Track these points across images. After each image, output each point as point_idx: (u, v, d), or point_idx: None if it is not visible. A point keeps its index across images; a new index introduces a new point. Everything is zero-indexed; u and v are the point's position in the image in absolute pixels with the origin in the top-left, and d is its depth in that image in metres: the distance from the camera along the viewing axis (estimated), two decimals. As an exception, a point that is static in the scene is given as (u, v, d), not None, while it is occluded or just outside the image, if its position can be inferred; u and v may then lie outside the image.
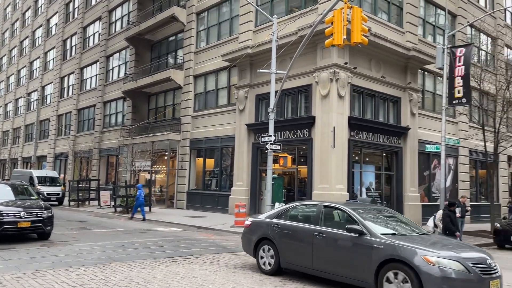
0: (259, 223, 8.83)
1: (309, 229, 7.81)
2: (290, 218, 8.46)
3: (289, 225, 8.23)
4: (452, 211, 11.69)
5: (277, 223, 8.39)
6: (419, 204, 20.31)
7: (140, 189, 18.97)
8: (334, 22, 10.17)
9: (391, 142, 19.70)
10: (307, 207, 8.62)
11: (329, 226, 7.70)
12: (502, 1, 27.54)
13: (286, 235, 8.11)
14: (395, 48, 18.74)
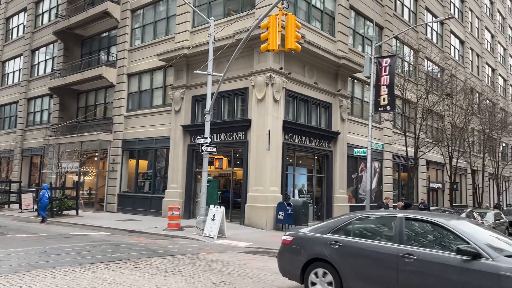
0: (308, 239, 7.00)
1: (390, 249, 6.07)
2: (355, 233, 6.69)
3: (357, 242, 6.46)
4: None
5: (336, 240, 6.61)
6: (347, 205, 21.33)
7: (45, 190, 18.20)
8: (270, 28, 10.43)
9: (322, 146, 20.50)
10: (379, 219, 6.94)
11: (419, 245, 6.03)
12: (423, 17, 29.86)
13: (353, 255, 6.36)
14: (327, 56, 19.57)
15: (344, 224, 6.86)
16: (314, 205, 20.53)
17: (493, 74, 43.61)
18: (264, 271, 8.91)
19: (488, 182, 38.02)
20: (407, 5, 28.84)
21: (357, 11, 23.51)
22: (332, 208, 20.57)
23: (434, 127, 27.64)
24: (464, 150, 28.10)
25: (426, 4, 30.48)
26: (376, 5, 24.33)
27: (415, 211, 8.73)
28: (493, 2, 45.14)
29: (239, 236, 14.58)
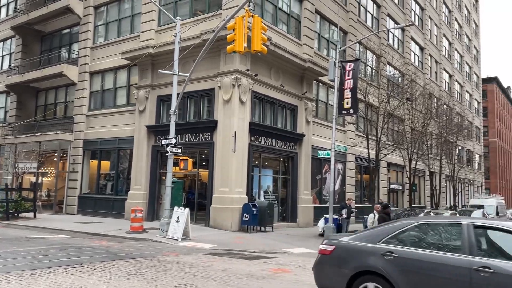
0: (354, 249, 6.21)
1: (460, 261, 5.35)
2: (413, 243, 5.96)
3: (416, 253, 5.71)
4: (387, 213, 11.38)
5: (390, 250, 5.85)
6: (311, 206, 21.66)
7: None
8: (236, 29, 10.46)
9: (288, 147, 20.72)
10: (441, 227, 6.16)
11: (496, 256, 5.39)
12: (386, 23, 30.82)
13: (412, 268, 5.63)
14: (293, 59, 19.81)
15: (398, 232, 6.06)
16: (279, 206, 20.72)
17: (450, 80, 45.59)
18: (228, 272, 8.90)
19: (445, 184, 39.69)
20: (370, 11, 29.67)
21: (323, 15, 23.96)
22: (296, 209, 20.82)
23: (394, 130, 28.56)
24: (423, 153, 29.19)
25: (388, 11, 31.48)
26: (341, 10, 24.88)
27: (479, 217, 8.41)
28: (451, 11, 47.22)
29: (204, 238, 14.49)
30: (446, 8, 45.96)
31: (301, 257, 12.06)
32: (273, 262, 10.65)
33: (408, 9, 34.86)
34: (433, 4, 41.62)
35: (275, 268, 9.69)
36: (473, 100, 54.34)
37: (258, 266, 9.94)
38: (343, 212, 16.46)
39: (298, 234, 17.53)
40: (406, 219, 7.81)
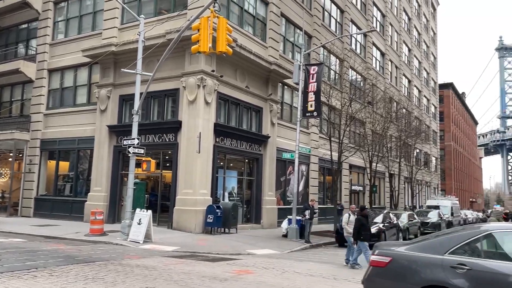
0: (416, 260, 5.57)
1: None
2: (488, 254, 5.38)
3: (497, 266, 5.12)
4: (365, 216, 11.73)
5: (461, 263, 5.25)
6: (275, 208, 21.84)
7: None
8: (201, 30, 10.40)
9: (253, 149, 20.80)
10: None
11: None
12: (349, 28, 31.59)
13: (493, 283, 5.05)
14: (259, 61, 19.92)
15: (468, 241, 5.46)
16: (244, 207, 20.74)
17: (409, 85, 47.31)
18: (191, 275, 8.81)
19: (403, 185, 41.09)
20: (334, 16, 30.32)
21: (288, 19, 24.25)
22: (261, 210, 20.93)
23: (356, 133, 29.30)
24: (383, 155, 30.09)
25: (352, 16, 32.29)
26: (306, 14, 25.28)
27: None
28: (411, 18, 49.03)
29: (167, 240, 14.29)
30: (406, 16, 47.68)
31: (264, 258, 12.13)
32: (237, 264, 10.65)
33: (370, 15, 35.90)
34: (394, 12, 43.08)
35: (238, 270, 9.70)
36: (430, 105, 56.64)
37: (222, 268, 9.91)
38: (306, 213, 16.69)
39: (262, 235, 17.62)
40: (470, 226, 6.83)
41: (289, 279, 8.91)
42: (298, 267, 10.59)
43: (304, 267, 10.58)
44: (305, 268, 10.50)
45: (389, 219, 18.06)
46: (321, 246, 16.50)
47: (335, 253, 14.71)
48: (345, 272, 10.11)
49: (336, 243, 17.09)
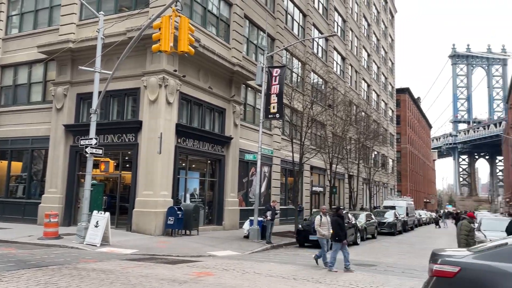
0: (492, 271, 4.94)
1: None
2: None
3: None
4: (341, 216, 11.60)
5: None
6: (237, 209, 21.85)
7: None
8: (162, 28, 10.24)
9: (215, 150, 20.71)
10: None
11: None
12: (311, 32, 32.15)
13: None
14: (222, 61, 19.88)
15: None
16: (206, 209, 20.61)
17: (368, 89, 48.76)
18: (149, 278, 8.66)
19: (362, 186, 42.27)
20: (297, 20, 30.77)
21: (251, 20, 24.37)
22: (223, 211, 20.87)
23: (317, 135, 29.85)
24: (343, 157, 30.82)
25: (314, 20, 32.89)
26: (269, 17, 25.51)
27: None
28: (370, 24, 50.57)
29: (125, 243, 13.95)
30: (366, 22, 49.13)
31: (225, 259, 12.11)
32: (197, 266, 10.57)
33: (331, 20, 36.70)
34: (354, 17, 44.28)
35: (199, 272, 9.63)
36: (388, 109, 58.63)
37: (181, 270, 9.80)
38: (267, 214, 16.81)
39: (223, 237, 17.57)
40: None
41: (249, 280, 8.94)
42: (259, 268, 10.66)
43: (265, 268, 10.66)
44: (266, 268, 10.58)
45: (347, 220, 18.50)
46: (282, 247, 16.68)
47: (295, 254, 14.92)
48: (305, 273, 10.27)
49: (297, 244, 17.33)
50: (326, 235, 11.64)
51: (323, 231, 11.66)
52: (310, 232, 16.81)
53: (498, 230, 15.23)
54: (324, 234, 11.62)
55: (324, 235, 11.62)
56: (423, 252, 17.11)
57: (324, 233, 11.64)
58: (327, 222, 11.75)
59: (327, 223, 11.73)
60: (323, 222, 11.75)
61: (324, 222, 11.76)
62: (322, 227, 11.72)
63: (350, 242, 17.97)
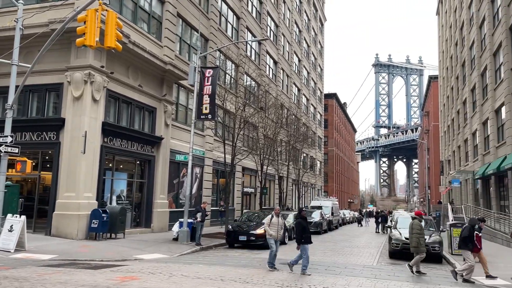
0: None
1: None
2: None
3: None
4: (303, 217, 11.31)
5: None
6: (167, 211, 21.41)
7: None
8: (87, 22, 9.76)
9: (145, 150, 20.12)
10: None
11: None
12: (244, 35, 32.49)
13: None
14: (153, 59, 19.39)
15: None
16: (133, 211, 19.94)
17: (298, 93, 50.37)
18: (68, 285, 8.19)
19: (291, 187, 43.53)
20: (231, 22, 30.93)
21: (185, 19, 24.06)
22: (152, 214, 20.33)
23: (249, 137, 30.22)
24: (273, 159, 31.53)
25: (247, 24, 33.29)
26: (203, 17, 25.37)
27: None
28: (301, 31, 52.29)
29: (43, 248, 13.06)
30: (297, 28, 50.74)
31: (152, 263, 11.82)
32: (122, 270, 10.19)
33: (264, 24, 37.41)
34: (286, 23, 45.54)
35: (123, 277, 9.30)
36: (316, 113, 61.01)
37: (104, 275, 9.40)
38: (198, 215, 16.68)
39: (151, 240, 17.13)
40: None
41: (176, 283, 8.82)
42: (187, 270, 10.55)
43: (193, 270, 10.57)
44: (194, 271, 10.50)
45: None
46: (212, 248, 16.65)
47: (225, 255, 14.97)
48: (233, 273, 10.35)
49: (227, 245, 17.40)
50: (273, 235, 11.38)
51: (271, 231, 11.42)
52: (240, 233, 17.03)
53: (412, 227, 16.55)
54: (272, 234, 11.37)
55: (272, 235, 11.37)
56: (346, 249, 18.07)
57: (272, 233, 11.39)
58: (277, 223, 11.50)
59: (277, 224, 11.47)
60: (273, 222, 11.49)
61: (274, 222, 11.49)
62: (272, 227, 11.45)
63: (278, 242, 18.47)
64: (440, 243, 14.98)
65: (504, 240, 20.75)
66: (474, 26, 32.33)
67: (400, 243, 15.14)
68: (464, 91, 37.16)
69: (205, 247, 16.26)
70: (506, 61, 23.89)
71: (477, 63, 31.31)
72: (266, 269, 11.21)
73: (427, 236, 15.17)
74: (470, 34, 34.20)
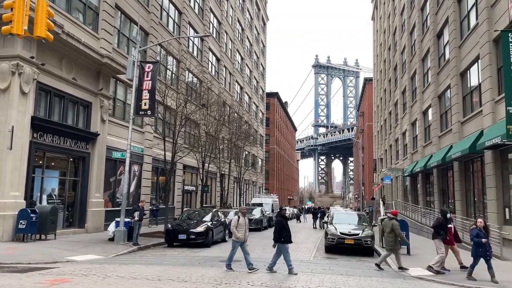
0: None
1: None
2: None
3: None
4: (284, 216, 10.96)
5: None
6: (103, 210, 20.57)
7: None
8: (15, 9, 9.07)
9: (79, 147, 19.17)
10: None
11: None
12: (186, 31, 32.01)
13: None
14: (89, 52, 18.51)
15: None
16: (66, 211, 18.92)
17: (241, 91, 50.61)
18: (-8, 290, 7.62)
19: (233, 185, 43.67)
20: (172, 17, 30.33)
21: (123, 12, 23.21)
22: (86, 213, 19.43)
23: (191, 134, 29.87)
24: (215, 156, 31.42)
25: (189, 19, 32.82)
26: (143, 10, 24.63)
27: None
28: (244, 29, 52.54)
29: (-38, 252, 12.00)
30: (240, 26, 50.92)
31: (86, 264, 11.31)
32: (52, 273, 9.64)
33: (207, 20, 37.11)
34: (229, 21, 45.52)
35: (53, 280, 8.80)
36: (258, 111, 61.70)
37: (32, 279, 8.83)
38: (135, 214, 16.19)
39: (85, 240, 16.38)
40: None
41: (111, 284, 8.51)
42: (123, 271, 10.22)
43: (129, 271, 10.26)
44: (130, 271, 10.19)
45: (217, 217, 18.95)
46: (150, 248, 16.26)
47: (163, 254, 14.70)
48: (171, 273, 10.19)
49: (166, 244, 17.09)
50: (241, 238, 10.74)
51: (238, 234, 10.75)
52: (180, 232, 16.77)
53: (347, 223, 17.33)
54: (239, 237, 10.73)
55: (239, 238, 10.73)
56: (285, 245, 18.46)
57: (239, 235, 10.74)
58: (244, 223, 10.87)
59: (244, 225, 10.84)
60: (240, 223, 10.83)
61: (241, 223, 10.84)
62: (239, 229, 10.80)
63: (218, 239, 18.48)
64: (372, 237, 15.81)
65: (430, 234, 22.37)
66: (405, 32, 34.43)
67: (335, 238, 15.76)
68: (396, 93, 39.47)
69: (143, 247, 15.85)
70: (433, 66, 25.70)
71: (408, 67, 33.40)
72: (205, 267, 11.14)
73: (360, 230, 16.00)
74: (402, 40, 36.38)
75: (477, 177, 19.31)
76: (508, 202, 15.75)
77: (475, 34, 18.36)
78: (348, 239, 15.57)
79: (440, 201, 24.79)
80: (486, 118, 16.85)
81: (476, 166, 19.31)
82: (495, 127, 15.45)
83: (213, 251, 15.71)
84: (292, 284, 9.14)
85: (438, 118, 25.05)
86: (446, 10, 22.92)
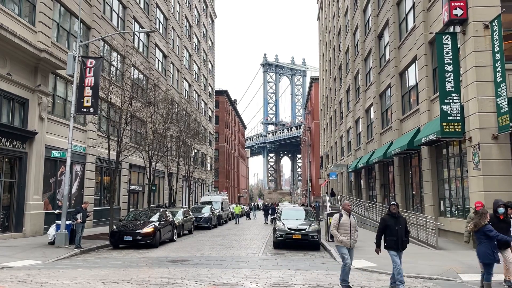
0: None
1: None
2: None
3: None
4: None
5: None
6: (42, 213, 19.50)
7: None
8: None
9: (14, 146, 18.02)
10: None
11: None
12: (131, 26, 31.04)
13: None
14: (25, 46, 17.44)
15: None
16: (1, 214, 17.72)
17: (189, 88, 49.95)
18: None
19: (182, 184, 43.06)
20: (116, 11, 29.29)
21: (63, 4, 22.08)
22: (23, 216, 18.31)
23: (137, 132, 29.04)
24: (163, 155, 30.78)
25: (134, 14, 31.86)
26: (84, 3, 23.59)
27: None
28: (192, 26, 51.87)
29: None
30: (187, 23, 50.21)
31: (23, 270, 10.67)
32: (-15, 282, 9.01)
33: (153, 16, 36.22)
34: (176, 17, 44.73)
35: (-14, 288, 8.24)
36: (207, 109, 61.26)
37: (-38, 289, 8.22)
38: (78, 216, 15.50)
39: (23, 245, 15.44)
40: None
41: (52, 290, 8.11)
42: (63, 276, 9.75)
43: (70, 275, 9.81)
44: (71, 276, 9.75)
45: (165, 217, 18.60)
46: (93, 251, 15.64)
47: (108, 256, 14.20)
48: (115, 275, 9.87)
49: (111, 246, 16.53)
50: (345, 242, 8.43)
51: (341, 236, 8.48)
52: (125, 233, 16.29)
53: (294, 218, 17.69)
54: (342, 241, 8.43)
55: (342, 241, 8.43)
56: (234, 243, 18.55)
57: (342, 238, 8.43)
58: (349, 224, 8.52)
59: (349, 226, 8.50)
60: (342, 223, 8.55)
61: (344, 223, 8.52)
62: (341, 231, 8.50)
63: (166, 239, 18.17)
64: (318, 231, 16.26)
65: (372, 226, 23.40)
66: (349, 33, 35.67)
67: (283, 234, 16.03)
68: (340, 92, 40.83)
69: (86, 250, 15.22)
70: (374, 66, 26.87)
71: (351, 67, 34.65)
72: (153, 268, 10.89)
73: (307, 226, 16.40)
74: (346, 40, 37.66)
75: (415, 171, 20.48)
76: (443, 195, 16.87)
77: (413, 36, 19.42)
78: (295, 234, 15.89)
79: (381, 195, 26.03)
80: (423, 115, 17.91)
81: (414, 161, 20.47)
82: (430, 124, 16.46)
83: (161, 251, 15.42)
84: (241, 281, 9.19)
85: (379, 116, 26.24)
86: (386, 12, 24.03)
